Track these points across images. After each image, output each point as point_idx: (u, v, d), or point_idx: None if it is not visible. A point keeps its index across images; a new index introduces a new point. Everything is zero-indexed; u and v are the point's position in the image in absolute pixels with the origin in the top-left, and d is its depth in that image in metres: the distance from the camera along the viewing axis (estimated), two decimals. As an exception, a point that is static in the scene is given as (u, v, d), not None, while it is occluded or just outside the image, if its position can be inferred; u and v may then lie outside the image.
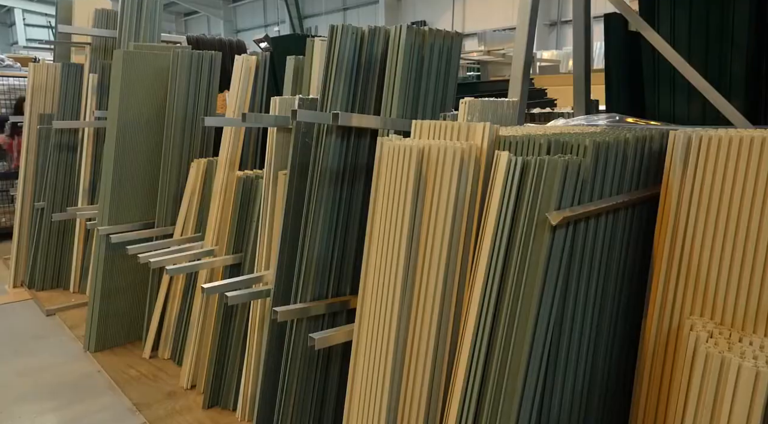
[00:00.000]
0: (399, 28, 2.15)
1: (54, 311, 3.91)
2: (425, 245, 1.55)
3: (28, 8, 22.73)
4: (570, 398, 1.54)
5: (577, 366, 1.54)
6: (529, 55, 2.28)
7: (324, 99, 2.20)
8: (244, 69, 3.01)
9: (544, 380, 1.44)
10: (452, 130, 1.70)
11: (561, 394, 1.51)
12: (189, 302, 3.09)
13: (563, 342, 1.48)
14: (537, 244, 1.37)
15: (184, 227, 3.16)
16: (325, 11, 17.53)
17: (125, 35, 3.97)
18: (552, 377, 1.47)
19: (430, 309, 1.53)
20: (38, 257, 4.26)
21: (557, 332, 1.45)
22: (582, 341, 1.55)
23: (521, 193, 1.42)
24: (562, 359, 1.49)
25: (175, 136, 3.24)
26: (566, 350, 1.49)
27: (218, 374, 2.72)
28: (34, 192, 4.39)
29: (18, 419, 2.68)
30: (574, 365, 1.53)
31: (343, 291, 2.26)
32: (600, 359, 1.64)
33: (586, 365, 1.58)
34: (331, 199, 2.18)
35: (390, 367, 1.54)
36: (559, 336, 1.47)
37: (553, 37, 13.23)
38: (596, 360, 1.62)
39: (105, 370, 3.09)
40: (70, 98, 4.21)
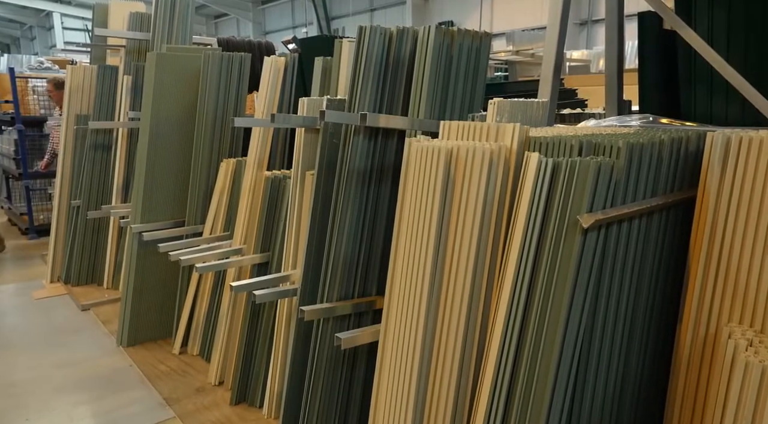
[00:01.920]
0: (427, 29, 2.14)
1: (89, 306, 4.02)
2: (453, 247, 1.54)
3: (66, 12, 23.51)
4: (601, 404, 1.51)
5: (608, 372, 1.51)
6: (560, 55, 2.24)
7: (352, 100, 2.21)
8: (272, 70, 3.04)
9: (574, 385, 1.41)
10: (481, 131, 1.69)
11: (591, 400, 1.48)
12: (217, 299, 3.14)
13: (594, 347, 1.45)
14: (567, 247, 1.34)
15: (213, 225, 3.21)
16: (352, 12, 17.61)
17: (158, 38, 4.07)
18: (582, 383, 1.44)
19: (457, 311, 1.52)
20: (74, 254, 4.39)
21: (588, 337, 1.42)
22: (613, 346, 1.51)
23: (552, 195, 1.39)
24: (593, 365, 1.46)
25: (205, 136, 3.30)
26: (597, 355, 1.46)
27: (245, 372, 2.76)
28: (70, 190, 4.53)
29: (55, 410, 2.76)
30: (605, 370, 1.50)
31: (369, 291, 2.26)
32: (632, 365, 1.60)
33: (618, 371, 1.55)
34: (358, 200, 2.18)
35: (417, 368, 1.53)
36: (590, 341, 1.44)
37: (583, 37, 13.00)
38: (628, 366, 1.58)
39: (136, 364, 3.17)
40: (105, 99, 4.33)
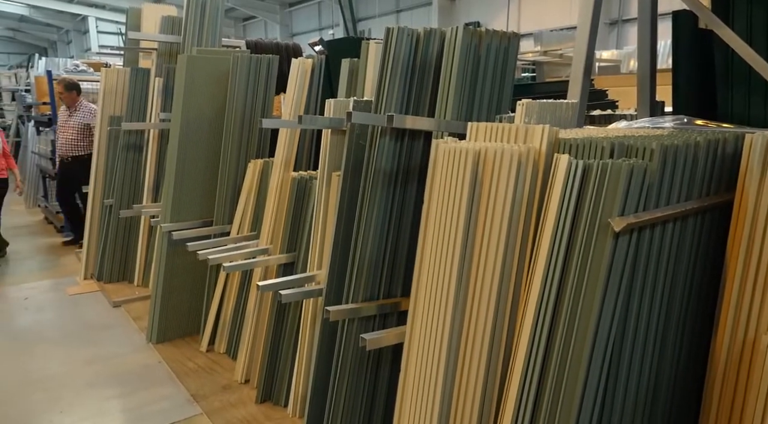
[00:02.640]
0: (455, 29, 2.13)
1: (120, 303, 4.12)
2: (480, 249, 1.52)
3: (101, 16, 24.18)
4: (632, 412, 1.48)
5: (639, 378, 1.47)
6: (591, 55, 2.20)
7: (378, 101, 2.21)
8: (300, 72, 3.07)
9: (604, 392, 1.38)
10: (509, 133, 1.67)
11: (622, 407, 1.45)
12: (244, 298, 3.19)
13: (625, 354, 1.42)
14: (598, 251, 1.32)
15: (240, 225, 3.26)
16: (378, 14, 17.65)
17: (189, 40, 4.14)
18: (612, 390, 1.41)
19: (484, 315, 1.50)
20: (106, 251, 4.51)
21: (618, 344, 1.39)
22: (645, 353, 1.48)
23: (582, 198, 1.37)
24: (623, 372, 1.42)
25: (233, 137, 3.34)
26: (628, 362, 1.43)
27: (271, 370, 2.79)
28: (104, 190, 4.65)
29: (87, 404, 2.84)
30: (636, 377, 1.46)
31: (395, 293, 2.26)
32: (665, 372, 1.56)
33: (650, 379, 1.51)
34: (384, 201, 2.18)
35: (443, 371, 1.52)
36: (621, 348, 1.40)
37: (613, 37, 12.75)
38: (661, 374, 1.54)
39: (165, 361, 3.24)
40: (137, 101, 4.44)
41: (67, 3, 23.52)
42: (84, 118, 5.30)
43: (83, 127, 5.31)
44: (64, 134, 5.32)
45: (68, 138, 5.29)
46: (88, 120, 5.30)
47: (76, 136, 5.30)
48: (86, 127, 5.31)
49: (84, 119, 5.30)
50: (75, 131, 5.30)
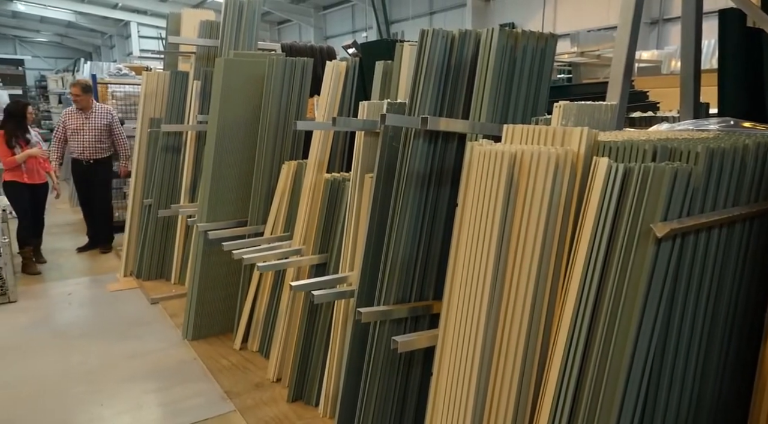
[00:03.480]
0: (491, 31, 2.11)
1: (158, 300, 4.24)
2: (515, 253, 1.50)
3: (142, 21, 25.00)
4: (674, 423, 1.43)
5: (682, 389, 1.42)
6: (632, 55, 2.14)
7: (412, 103, 2.21)
8: (334, 74, 3.09)
9: (644, 403, 1.34)
10: (546, 135, 1.64)
11: (663, 419, 1.40)
12: (277, 298, 3.23)
13: (666, 364, 1.37)
14: (639, 257, 1.28)
15: (274, 225, 3.30)
16: (411, 16, 17.64)
17: (226, 44, 4.24)
18: (653, 401, 1.36)
19: (518, 320, 1.48)
20: (145, 250, 4.65)
21: (659, 354, 1.35)
22: (688, 363, 1.42)
23: (622, 202, 1.33)
24: (665, 382, 1.38)
25: (268, 138, 3.39)
26: (670, 372, 1.38)
27: (302, 370, 2.81)
28: (143, 190, 4.79)
29: (126, 397, 2.93)
30: (678, 388, 1.41)
31: (427, 295, 2.24)
32: (709, 383, 1.50)
33: (693, 390, 1.45)
34: (417, 203, 2.18)
35: (476, 377, 1.50)
36: (662, 357, 1.36)
37: (653, 37, 12.39)
38: (705, 384, 1.48)
39: (200, 358, 3.31)
40: (176, 103, 4.55)
41: (111, 9, 24.39)
42: (103, 119, 5.25)
43: (104, 129, 5.25)
44: (83, 137, 5.19)
45: (90, 141, 5.19)
46: (107, 120, 5.26)
47: (98, 138, 5.22)
48: (106, 128, 5.27)
49: (103, 120, 5.25)
50: (96, 133, 5.22)
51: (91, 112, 5.21)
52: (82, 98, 5.13)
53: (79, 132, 5.18)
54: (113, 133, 5.32)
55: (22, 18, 27.45)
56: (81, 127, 5.18)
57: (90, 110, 5.20)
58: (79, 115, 5.20)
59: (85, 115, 5.19)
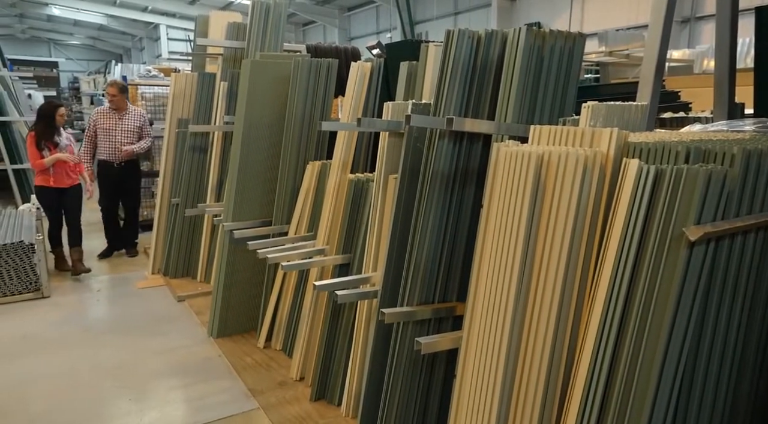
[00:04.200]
0: (518, 31, 2.09)
1: (184, 298, 4.31)
2: (541, 257, 1.48)
3: (171, 24, 25.54)
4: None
5: (715, 399, 1.38)
6: (663, 54, 2.09)
7: (437, 104, 2.20)
8: (359, 75, 3.10)
9: (675, 411, 1.30)
10: (574, 136, 1.61)
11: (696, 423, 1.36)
12: (300, 297, 3.25)
13: (699, 371, 1.33)
14: (671, 261, 1.25)
15: (298, 225, 3.33)
16: (436, 16, 17.61)
17: (253, 46, 4.29)
18: (684, 409, 1.32)
19: (544, 325, 1.45)
20: (172, 248, 4.73)
21: (692, 360, 1.31)
22: (722, 370, 1.38)
23: (653, 205, 1.30)
24: (697, 390, 1.34)
25: (293, 139, 3.42)
26: (702, 379, 1.34)
27: (325, 369, 2.83)
28: (171, 189, 4.88)
29: (153, 392, 2.99)
30: (711, 397, 1.37)
31: (450, 297, 2.23)
32: (743, 390, 1.45)
33: (727, 399, 1.41)
34: (441, 204, 2.17)
35: (500, 381, 1.49)
36: (694, 364, 1.32)
37: (685, 35, 12.11)
38: (739, 392, 1.44)
39: (225, 355, 3.35)
40: (203, 104, 4.63)
41: (141, 12, 24.97)
42: (136, 121, 5.16)
43: (137, 130, 5.17)
44: (115, 138, 5.05)
45: (122, 142, 5.06)
46: (140, 123, 5.19)
47: (130, 141, 5.10)
48: (138, 131, 5.18)
49: (136, 122, 5.16)
50: (128, 134, 5.11)
51: (125, 113, 5.14)
52: (118, 98, 5.07)
53: (111, 132, 5.07)
54: (142, 136, 5.23)
55: (57, 22, 28.34)
56: (114, 127, 5.07)
57: (124, 111, 5.13)
58: (111, 115, 5.10)
59: (118, 115, 5.11)
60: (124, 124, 5.10)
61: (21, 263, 4.23)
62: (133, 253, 5.48)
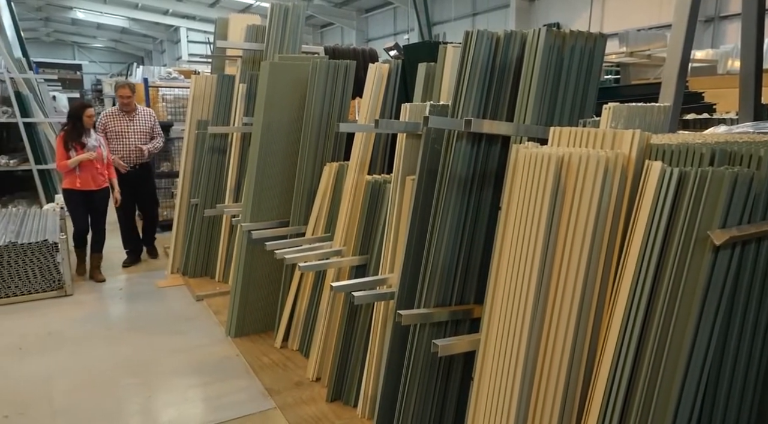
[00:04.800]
0: (537, 31, 2.07)
1: (202, 297, 4.36)
2: (561, 260, 1.46)
3: (191, 27, 25.94)
4: (728, 443, 1.35)
5: (741, 402, 1.35)
6: (687, 55, 2.05)
7: (455, 105, 2.19)
8: (376, 77, 3.10)
9: (699, 416, 1.27)
10: (595, 138, 1.59)
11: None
12: (317, 297, 3.26)
13: (723, 378, 1.30)
14: (695, 265, 1.22)
15: (315, 226, 3.34)
16: (454, 17, 17.56)
17: (271, 48, 4.32)
18: (709, 414, 1.30)
19: (564, 327, 1.44)
20: (191, 248, 4.79)
21: (716, 365, 1.28)
22: (748, 378, 1.35)
23: (677, 208, 1.27)
24: (722, 398, 1.31)
25: (310, 140, 3.44)
26: (727, 387, 1.31)
27: (341, 370, 2.83)
28: (190, 190, 4.94)
29: (172, 390, 3.03)
30: (737, 400, 1.34)
31: (467, 299, 2.22)
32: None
33: (753, 402, 1.38)
34: (459, 206, 2.16)
35: (519, 385, 1.47)
36: (719, 369, 1.29)
37: (708, 35, 11.89)
38: (766, 400, 1.40)
39: (242, 355, 3.38)
40: (222, 106, 4.68)
41: (162, 15, 25.38)
42: (148, 122, 5.04)
43: (149, 131, 5.04)
44: (127, 140, 4.91)
45: (135, 144, 4.92)
46: (151, 123, 5.06)
47: (143, 142, 4.98)
48: (150, 132, 5.06)
49: (148, 123, 5.03)
50: (141, 136, 4.97)
51: (136, 114, 4.98)
52: (132, 99, 4.92)
53: (122, 135, 4.90)
54: (153, 136, 5.11)
55: (81, 25, 28.96)
56: (125, 129, 4.91)
57: (134, 112, 4.98)
58: (121, 117, 4.93)
59: (129, 117, 4.93)
60: (135, 126, 4.96)
61: (45, 262, 4.32)
62: (154, 255, 5.42)
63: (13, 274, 4.24)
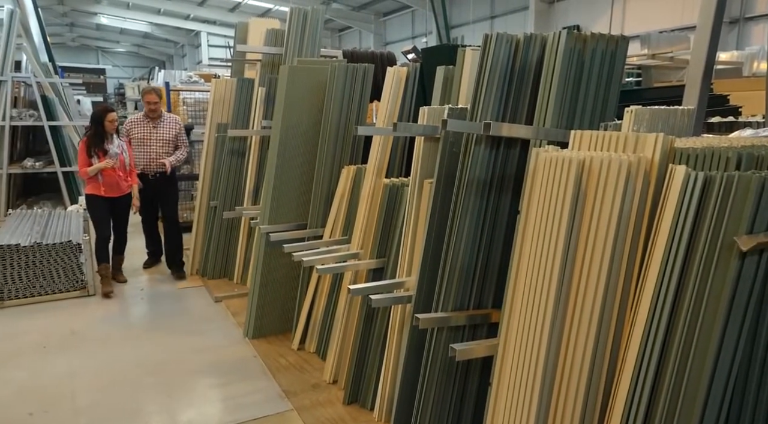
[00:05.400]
0: (558, 34, 2.05)
1: (221, 299, 4.40)
2: (582, 265, 1.44)
3: (211, 31, 26.35)
4: (754, 455, 1.32)
5: (766, 419, 1.31)
6: (711, 57, 2.01)
7: (474, 108, 2.18)
8: (394, 80, 3.11)
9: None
10: (617, 141, 1.57)
11: (742, 448, 1.30)
12: (334, 300, 3.27)
13: (750, 388, 1.27)
14: (720, 271, 1.19)
15: (332, 229, 3.35)
16: (472, 20, 17.52)
17: (290, 51, 4.36)
18: (736, 422, 1.27)
19: (584, 335, 1.42)
20: (210, 250, 4.84)
21: (743, 373, 1.25)
22: (774, 389, 1.31)
23: (702, 213, 1.25)
24: (748, 409, 1.27)
25: (328, 143, 3.46)
26: (754, 397, 1.28)
27: (358, 373, 2.83)
28: (210, 192, 5.00)
29: (191, 390, 3.06)
30: (765, 408, 1.30)
31: (485, 304, 2.20)
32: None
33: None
34: (477, 210, 2.14)
35: (538, 391, 1.45)
36: (746, 377, 1.26)
37: (733, 36, 11.66)
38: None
39: (260, 356, 3.40)
40: (242, 109, 4.73)
41: (183, 20, 25.81)
42: (173, 129, 4.78)
43: (173, 140, 4.78)
44: (150, 148, 4.69)
45: (158, 152, 4.70)
46: (176, 130, 4.80)
47: (166, 150, 4.74)
48: (174, 139, 4.80)
49: (173, 130, 4.78)
50: (164, 144, 4.73)
51: (160, 121, 4.74)
52: (158, 105, 4.70)
53: (145, 142, 4.69)
54: (178, 146, 4.85)
55: (105, 30, 29.60)
56: (148, 137, 4.69)
57: (159, 120, 4.74)
58: (146, 123, 4.71)
59: (153, 124, 4.71)
60: (159, 134, 4.72)
61: (69, 262, 4.41)
62: (181, 275, 4.92)
63: (38, 274, 4.34)
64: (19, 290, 4.29)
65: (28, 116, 7.50)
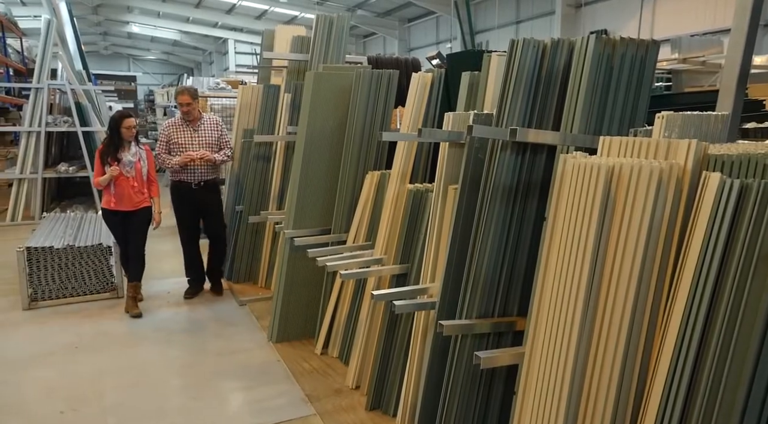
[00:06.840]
0: (586, 39, 2.02)
1: (245, 302, 4.45)
2: (611, 274, 1.41)
3: (238, 38, 26.85)
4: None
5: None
6: (747, 61, 1.96)
7: (500, 114, 2.17)
8: (419, 86, 3.11)
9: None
10: (648, 148, 1.54)
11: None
12: (357, 305, 3.27)
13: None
14: (758, 283, 1.15)
15: (356, 234, 3.36)
16: (497, 26, 17.43)
17: (316, 58, 4.41)
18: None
19: (613, 345, 1.38)
20: (235, 254, 4.91)
21: (780, 392, 1.20)
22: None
23: (738, 222, 1.21)
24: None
25: (353, 149, 3.47)
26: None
27: (381, 379, 2.83)
28: (235, 197, 5.07)
29: (216, 392, 3.10)
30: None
31: (510, 311, 2.18)
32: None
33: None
34: (502, 216, 2.12)
35: (565, 402, 1.43)
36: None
37: (767, 40, 11.33)
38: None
39: (283, 360, 3.42)
40: (268, 115, 4.79)
41: (211, 27, 26.35)
42: (215, 132, 4.34)
43: (215, 142, 4.33)
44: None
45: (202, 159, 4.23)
46: (218, 133, 4.36)
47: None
48: (217, 143, 4.34)
49: (215, 133, 4.33)
50: (208, 147, 4.29)
51: (200, 124, 4.29)
52: (193, 107, 4.21)
53: (185, 148, 4.22)
54: (222, 148, 4.39)
55: (136, 38, 30.42)
56: (189, 142, 4.23)
57: (198, 122, 4.28)
58: (185, 127, 4.26)
59: (193, 127, 4.26)
60: (200, 137, 4.27)
61: (99, 265, 4.52)
62: (218, 290, 4.61)
63: (70, 276, 4.46)
64: (53, 291, 4.41)
65: (62, 122, 7.75)
